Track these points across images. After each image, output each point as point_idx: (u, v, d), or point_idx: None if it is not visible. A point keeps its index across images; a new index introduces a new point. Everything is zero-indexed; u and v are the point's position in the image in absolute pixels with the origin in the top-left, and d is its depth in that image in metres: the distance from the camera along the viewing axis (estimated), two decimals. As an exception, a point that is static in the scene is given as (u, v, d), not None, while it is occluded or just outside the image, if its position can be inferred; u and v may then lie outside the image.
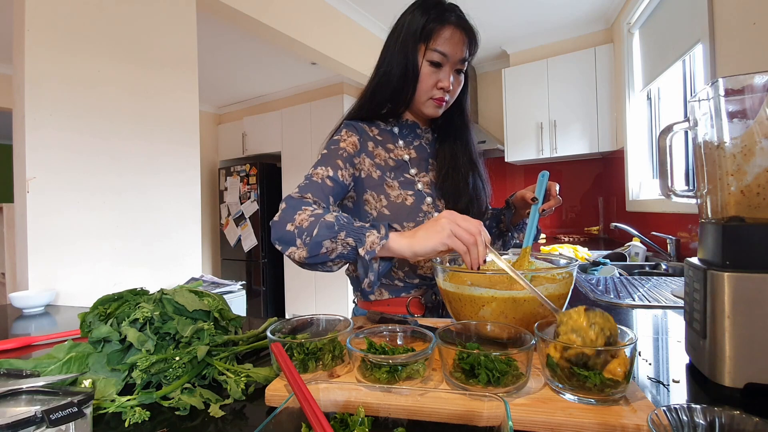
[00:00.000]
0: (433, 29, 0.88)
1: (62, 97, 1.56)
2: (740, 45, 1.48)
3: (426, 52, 0.89)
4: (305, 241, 0.74)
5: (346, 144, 0.93)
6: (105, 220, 1.68)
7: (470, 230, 0.68)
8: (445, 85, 0.90)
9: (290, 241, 0.76)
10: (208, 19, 2.59)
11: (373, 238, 0.72)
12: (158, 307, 0.61)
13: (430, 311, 0.94)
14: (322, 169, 0.88)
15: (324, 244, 0.73)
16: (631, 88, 2.79)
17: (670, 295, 1.16)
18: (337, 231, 0.73)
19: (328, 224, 0.73)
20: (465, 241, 0.67)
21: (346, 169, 0.90)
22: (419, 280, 0.93)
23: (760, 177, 0.50)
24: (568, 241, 3.03)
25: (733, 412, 0.35)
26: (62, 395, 0.42)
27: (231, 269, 4.73)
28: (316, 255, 0.74)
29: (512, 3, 2.97)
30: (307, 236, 0.74)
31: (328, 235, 0.73)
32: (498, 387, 0.46)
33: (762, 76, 0.50)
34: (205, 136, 4.83)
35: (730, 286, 0.49)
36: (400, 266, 0.92)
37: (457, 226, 0.68)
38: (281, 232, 0.77)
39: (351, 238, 0.73)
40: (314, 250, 0.73)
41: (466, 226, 0.68)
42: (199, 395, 0.52)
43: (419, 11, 0.90)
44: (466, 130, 1.03)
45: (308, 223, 0.75)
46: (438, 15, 0.88)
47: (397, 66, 0.91)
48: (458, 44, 0.89)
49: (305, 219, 0.76)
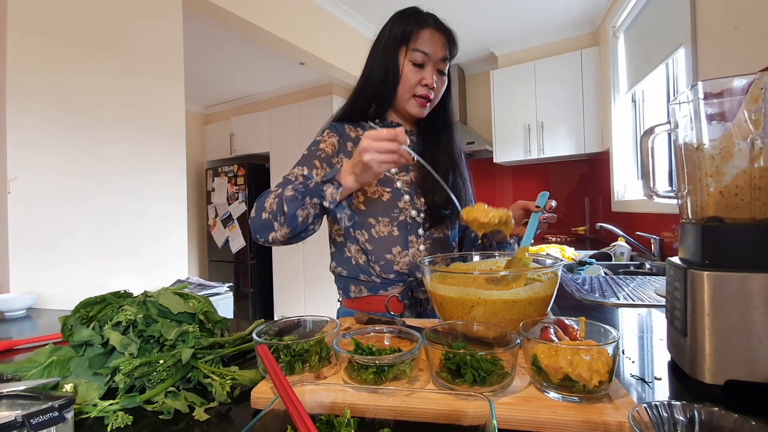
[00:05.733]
0: (413, 31, 0.94)
1: (45, 96, 1.52)
2: (722, 49, 1.51)
3: (408, 53, 0.94)
4: (281, 221, 0.82)
5: (326, 145, 0.98)
6: (88, 222, 1.65)
7: (389, 149, 0.73)
8: (428, 82, 0.95)
9: (269, 227, 0.83)
10: (194, 18, 2.57)
11: (331, 190, 0.80)
12: (142, 309, 0.60)
13: (410, 309, 0.97)
14: (299, 169, 0.94)
15: (298, 215, 0.81)
16: (616, 90, 2.83)
17: (654, 294, 1.18)
18: (302, 199, 0.81)
19: (291, 197, 0.81)
20: (391, 161, 0.74)
21: (322, 168, 0.95)
22: (395, 275, 0.96)
23: (738, 178, 0.51)
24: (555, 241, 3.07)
25: (712, 409, 0.35)
26: (43, 400, 0.42)
27: (219, 271, 4.68)
28: (296, 226, 0.82)
29: (501, 6, 3.00)
30: (280, 215, 0.82)
31: (297, 205, 0.81)
32: (484, 386, 0.47)
33: (740, 79, 0.51)
34: (191, 136, 4.77)
35: (710, 284, 0.50)
36: (376, 260, 0.96)
37: (378, 155, 0.73)
38: (259, 223, 0.85)
39: (315, 197, 0.81)
40: (292, 223, 0.81)
41: (384, 148, 0.73)
42: (183, 399, 0.51)
43: (398, 20, 0.97)
44: (449, 130, 1.06)
45: (276, 205, 0.83)
46: (416, 20, 0.95)
47: (378, 69, 0.96)
48: (438, 44, 0.94)
49: (272, 202, 0.84)
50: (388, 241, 0.96)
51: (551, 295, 0.66)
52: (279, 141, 4.38)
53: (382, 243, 0.96)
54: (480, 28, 3.33)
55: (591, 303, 1.12)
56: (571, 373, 0.45)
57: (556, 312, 1.07)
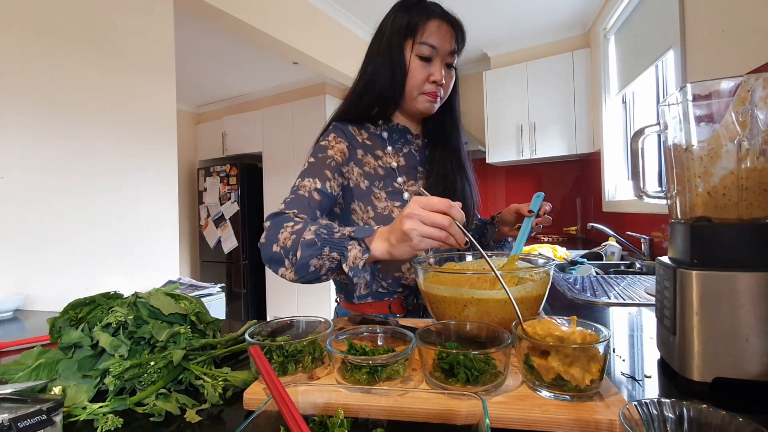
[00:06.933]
0: (419, 22, 0.87)
1: (30, 94, 1.50)
2: (710, 51, 1.53)
3: (414, 47, 0.88)
4: (292, 261, 0.73)
5: (335, 152, 0.91)
6: (77, 222, 1.63)
7: (438, 223, 0.63)
8: (437, 78, 0.89)
9: (279, 262, 0.75)
10: (186, 16, 2.54)
11: (355, 252, 0.70)
12: (132, 310, 0.59)
13: (411, 313, 0.94)
14: (310, 181, 0.86)
15: (311, 263, 0.72)
16: (607, 91, 2.86)
17: (644, 293, 1.19)
18: (321, 247, 0.71)
19: (309, 242, 0.71)
20: (437, 237, 0.63)
21: (334, 179, 0.89)
22: (402, 288, 0.93)
23: (725, 179, 0.52)
24: (547, 241, 3.09)
25: (700, 406, 0.36)
26: (31, 403, 0.41)
27: (211, 271, 4.64)
28: (306, 274, 0.73)
29: (493, 8, 3.02)
30: (293, 256, 0.73)
31: (313, 253, 0.71)
32: (477, 386, 0.47)
33: (728, 81, 0.52)
34: (183, 135, 4.73)
35: (698, 283, 0.51)
36: (383, 277, 0.92)
37: (423, 226, 0.63)
38: (269, 254, 0.77)
39: (335, 252, 0.71)
40: (303, 270, 0.73)
41: (432, 221, 0.63)
42: (174, 401, 0.51)
43: (401, 11, 0.90)
44: (457, 132, 1.01)
45: (291, 242, 0.74)
46: (422, 10, 0.88)
47: (384, 64, 0.89)
48: (446, 36, 0.88)
49: (288, 237, 0.75)
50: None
51: (543, 295, 0.66)
52: (272, 141, 4.36)
53: (392, 262, 0.90)
54: (473, 29, 3.32)
55: (582, 302, 1.13)
56: (562, 372, 0.45)
57: (548, 311, 1.08)
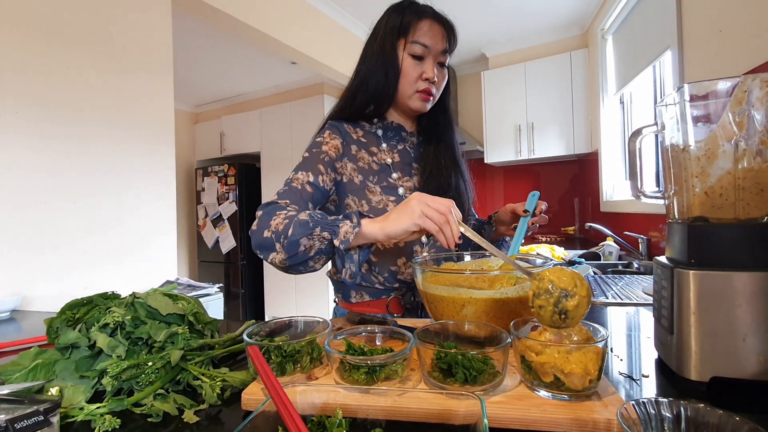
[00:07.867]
0: (411, 22, 0.90)
1: (28, 94, 1.49)
2: (707, 52, 1.54)
3: (407, 46, 0.91)
4: (283, 243, 0.74)
5: (329, 147, 0.93)
6: (74, 222, 1.62)
7: (440, 209, 0.68)
8: (429, 76, 0.91)
9: (270, 247, 0.76)
10: (184, 16, 2.54)
11: (346, 228, 0.72)
12: (130, 311, 0.59)
13: (409, 312, 0.95)
14: (303, 174, 0.88)
15: (301, 242, 0.73)
16: (605, 92, 2.87)
17: (642, 292, 1.19)
18: (312, 227, 0.73)
19: (302, 222, 0.73)
20: (436, 220, 0.68)
21: (327, 174, 0.90)
22: (399, 284, 0.94)
23: (722, 179, 0.52)
24: (545, 241, 3.09)
25: (698, 405, 0.36)
26: (28, 403, 0.41)
27: (209, 271, 4.63)
28: (295, 255, 0.74)
29: (491, 8, 3.02)
30: (284, 238, 0.74)
31: (304, 232, 0.72)
32: (475, 385, 0.47)
33: (725, 82, 0.52)
34: (181, 135, 4.72)
35: (695, 283, 0.51)
36: (380, 271, 0.93)
37: (428, 207, 0.68)
38: (260, 240, 0.77)
39: (326, 231, 0.72)
40: (292, 249, 0.73)
41: (436, 205, 0.68)
42: (172, 401, 0.51)
43: (395, 12, 0.93)
44: (450, 129, 1.03)
45: (283, 226, 0.75)
46: (414, 11, 0.92)
47: (377, 63, 0.92)
48: (438, 35, 0.91)
49: (280, 222, 0.76)
50: (394, 252, 0.93)
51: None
52: (270, 141, 4.36)
53: (388, 255, 0.92)
54: (471, 29, 3.35)
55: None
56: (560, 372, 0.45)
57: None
